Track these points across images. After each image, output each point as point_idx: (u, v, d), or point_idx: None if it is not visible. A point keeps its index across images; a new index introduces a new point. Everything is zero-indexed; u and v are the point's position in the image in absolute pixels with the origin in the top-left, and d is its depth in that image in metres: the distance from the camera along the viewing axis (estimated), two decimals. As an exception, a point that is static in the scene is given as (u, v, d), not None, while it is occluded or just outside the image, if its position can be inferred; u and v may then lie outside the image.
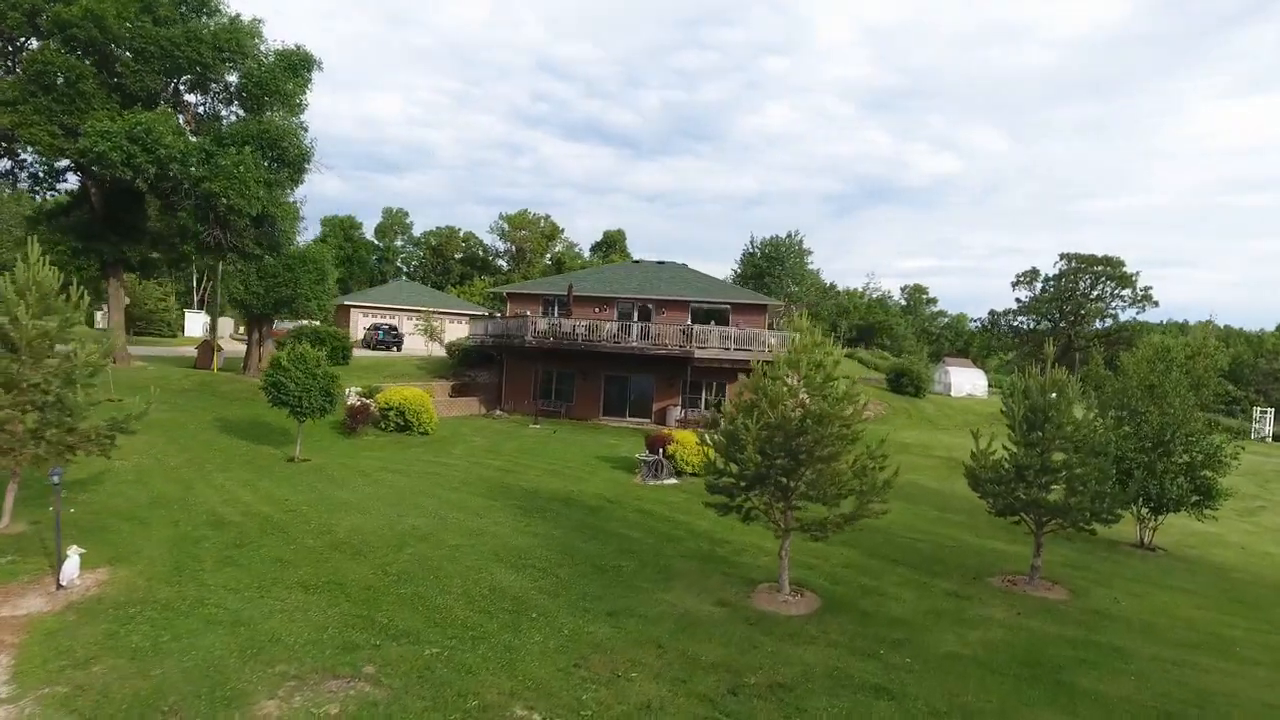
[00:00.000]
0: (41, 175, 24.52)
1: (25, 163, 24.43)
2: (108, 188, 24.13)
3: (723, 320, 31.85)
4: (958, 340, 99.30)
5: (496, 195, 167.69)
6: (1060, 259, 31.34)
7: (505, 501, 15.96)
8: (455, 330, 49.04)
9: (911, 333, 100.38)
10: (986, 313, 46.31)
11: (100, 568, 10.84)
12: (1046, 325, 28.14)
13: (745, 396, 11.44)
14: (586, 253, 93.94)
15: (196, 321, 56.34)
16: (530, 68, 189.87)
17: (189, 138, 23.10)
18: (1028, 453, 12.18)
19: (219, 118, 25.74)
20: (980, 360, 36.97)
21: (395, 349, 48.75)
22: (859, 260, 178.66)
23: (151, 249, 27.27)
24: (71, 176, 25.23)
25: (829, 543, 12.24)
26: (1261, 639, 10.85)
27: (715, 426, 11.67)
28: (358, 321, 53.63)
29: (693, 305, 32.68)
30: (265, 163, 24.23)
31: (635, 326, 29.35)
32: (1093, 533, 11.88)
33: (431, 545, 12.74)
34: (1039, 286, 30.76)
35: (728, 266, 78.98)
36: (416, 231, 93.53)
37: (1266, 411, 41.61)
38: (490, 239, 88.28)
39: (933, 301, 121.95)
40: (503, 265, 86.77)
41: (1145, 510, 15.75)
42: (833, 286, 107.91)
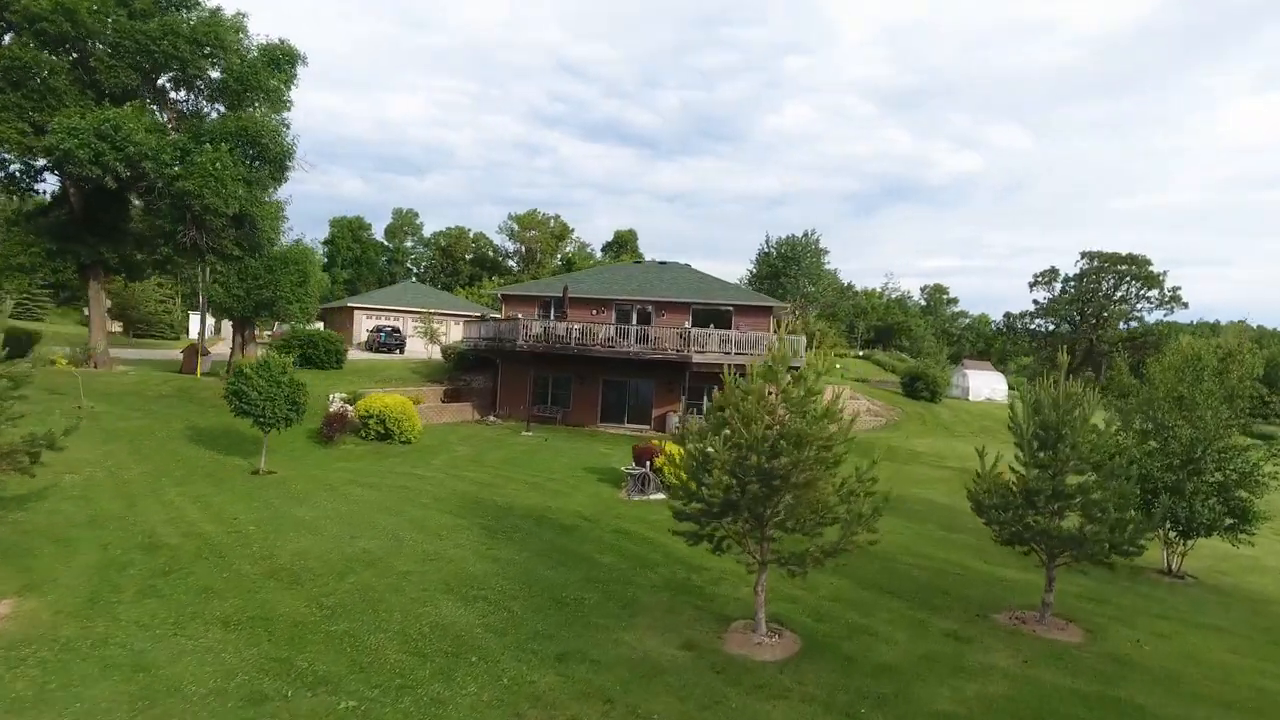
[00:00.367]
0: (18, 175, 23.85)
1: (3, 161, 23.75)
2: (86, 187, 23.39)
3: (725, 323, 30.58)
4: (978, 342, 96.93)
5: (515, 196, 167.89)
6: (1081, 258, 29.59)
7: (473, 520, 14.87)
8: (457, 332, 48.18)
9: (931, 334, 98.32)
10: (1002, 315, 44.55)
11: (6, 598, 9.89)
12: (1066, 329, 26.39)
13: (722, 412, 10.25)
14: (599, 253, 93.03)
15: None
16: (549, 68, 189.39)
17: (165, 135, 22.31)
18: (1039, 475, 10.85)
19: (201, 115, 24.94)
20: (1001, 363, 35.29)
21: (398, 351, 48.00)
22: (879, 260, 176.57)
23: (136, 250, 26.57)
24: (52, 177, 24.56)
25: (819, 570, 11.01)
26: (1308, 693, 9.45)
27: (683, 443, 10.48)
28: (361, 323, 52.95)
29: (694, 307, 31.44)
30: (246, 160, 23.40)
31: (632, 330, 28.19)
32: (1111, 567, 10.53)
33: (378, 572, 11.66)
34: (1058, 287, 29.00)
35: (745, 267, 77.45)
36: (429, 232, 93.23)
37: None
38: (500, 239, 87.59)
39: (953, 301, 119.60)
40: (513, 266, 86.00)
41: (1173, 534, 14.32)
42: (850, 286, 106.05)
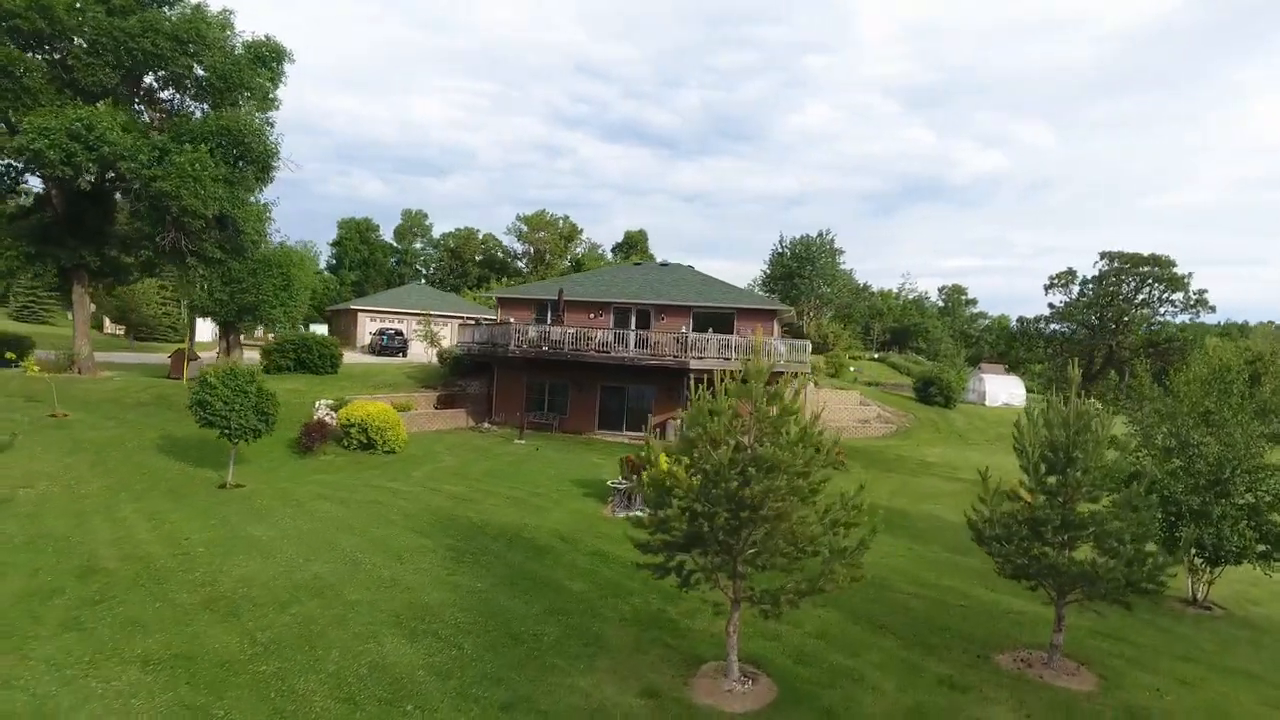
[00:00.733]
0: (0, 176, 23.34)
1: (-15, 163, 23.22)
2: (68, 188, 22.83)
3: (727, 326, 29.53)
4: (998, 344, 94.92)
5: (534, 197, 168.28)
6: (1100, 258, 28.03)
7: (440, 540, 13.97)
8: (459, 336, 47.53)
9: (949, 335, 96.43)
10: (1016, 319, 42.47)
11: (-89, 633, 9.13)
12: (1084, 334, 24.91)
13: (699, 431, 9.26)
14: (609, 254, 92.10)
15: (207, 327, 55.69)
16: (568, 69, 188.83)
17: (144, 134, 21.65)
18: (1047, 502, 9.76)
19: (185, 114, 24.30)
20: (1014, 370, 33.81)
21: (400, 355, 47.47)
22: (898, 260, 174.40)
23: (123, 253, 26.03)
24: (35, 178, 24.02)
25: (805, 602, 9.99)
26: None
27: (646, 465, 9.50)
28: (364, 326, 52.43)
29: (694, 310, 30.40)
30: (230, 160, 22.73)
31: (628, 334, 27.25)
32: (1128, 607, 9.42)
33: (325, 602, 10.79)
34: (1076, 290, 27.47)
35: (760, 268, 76.16)
36: (439, 233, 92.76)
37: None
38: (509, 240, 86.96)
39: (972, 302, 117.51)
40: (522, 268, 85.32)
41: (1199, 560, 13.13)
42: (866, 287, 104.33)
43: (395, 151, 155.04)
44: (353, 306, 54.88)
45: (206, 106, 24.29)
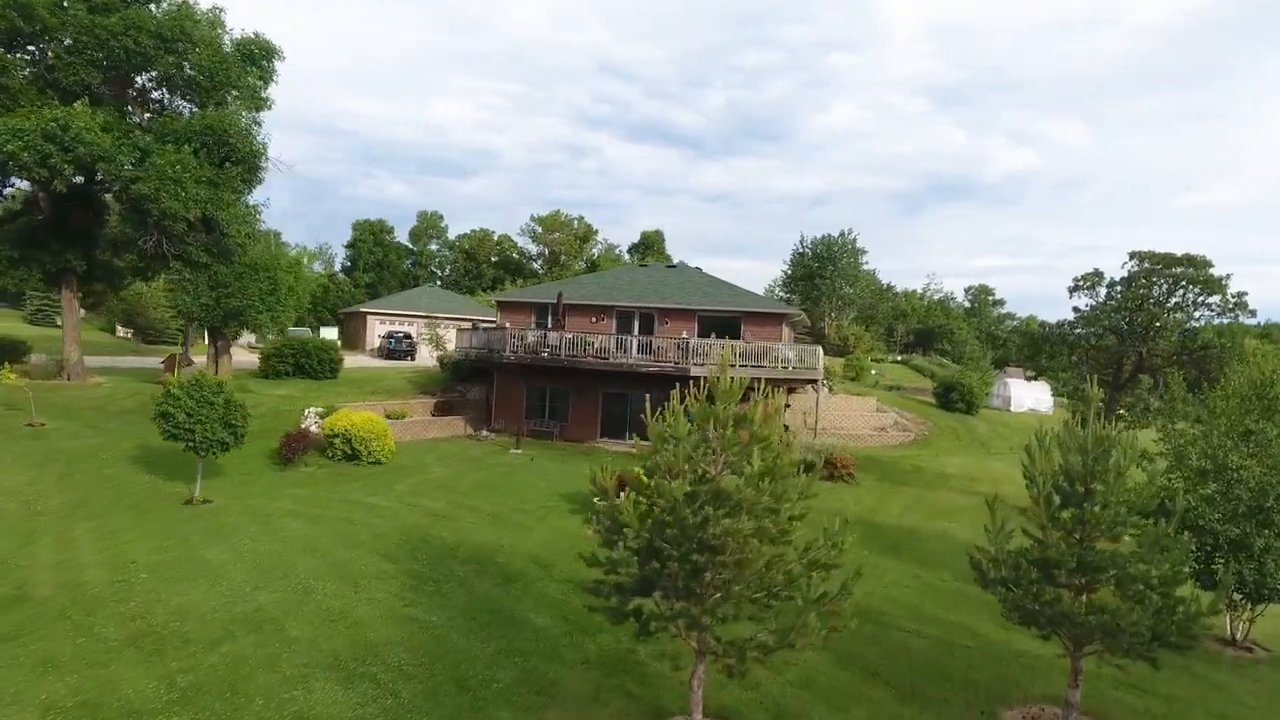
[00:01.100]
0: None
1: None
2: (52, 190, 22.32)
3: (733, 330, 28.35)
4: (1025, 347, 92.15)
5: (558, 198, 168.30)
6: (1130, 259, 26.23)
7: (405, 565, 13.05)
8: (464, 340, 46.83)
9: (974, 337, 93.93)
10: (1040, 324, 40.44)
11: None
12: (1112, 340, 23.29)
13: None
14: (626, 255, 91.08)
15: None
16: (592, 70, 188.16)
17: (126, 135, 21.06)
18: (1063, 540, 8.55)
19: (173, 114, 23.74)
20: (1035, 378, 31.97)
21: (409, 358, 46.87)
22: (926, 260, 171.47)
23: (113, 256, 25.58)
24: (23, 182, 23.59)
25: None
26: None
27: (604, 495, 8.44)
28: (374, 329, 51.98)
29: (699, 314, 29.26)
30: (215, 161, 22.09)
31: (629, 340, 26.22)
32: (1154, 663, 8.17)
33: (261, 638, 9.89)
34: (1103, 292, 25.76)
35: (781, 268, 74.72)
36: (455, 234, 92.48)
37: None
38: (524, 241, 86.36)
39: (999, 303, 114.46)
40: (537, 269, 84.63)
41: (1238, 596, 11.78)
42: (890, 288, 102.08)
43: (419, 153, 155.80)
44: (362, 309, 54.50)
45: (194, 105, 23.73)
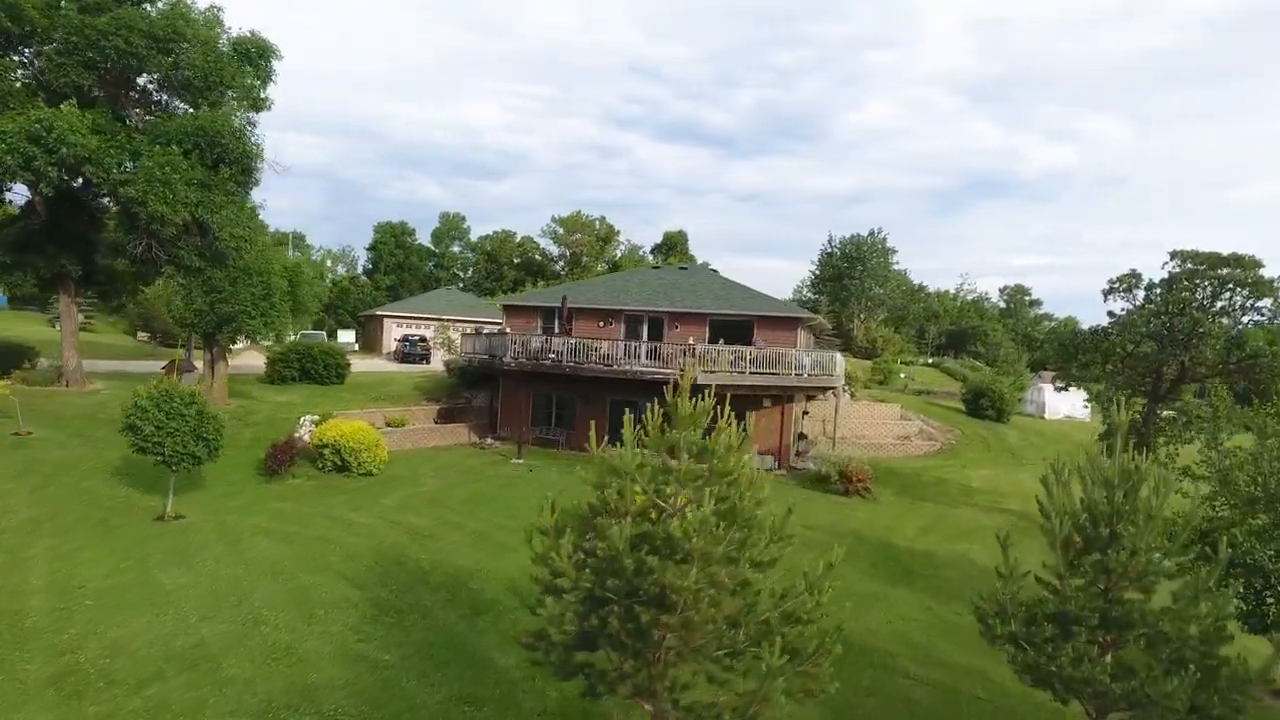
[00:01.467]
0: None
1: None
2: (46, 194, 22.04)
3: (745, 335, 27.17)
4: (1057, 355, 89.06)
5: (590, 198, 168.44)
6: (1171, 258, 24.35)
7: (371, 592, 12.20)
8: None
9: (1009, 339, 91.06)
10: (1073, 331, 38.22)
11: None
12: (1150, 348, 21.56)
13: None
14: (649, 255, 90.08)
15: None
16: (623, 70, 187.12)
17: (115, 137, 20.63)
18: (1083, 590, 7.34)
19: (168, 114, 23.31)
20: (1065, 389, 30.23)
21: (424, 362, 46.48)
22: (962, 259, 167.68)
23: (112, 261, 25.30)
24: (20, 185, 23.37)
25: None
26: None
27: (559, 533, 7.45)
28: (391, 332, 51.72)
29: (711, 318, 28.12)
30: (208, 163, 21.60)
31: (635, 345, 25.21)
32: (1195, 741, 6.94)
33: (194, 678, 9.08)
34: (1140, 295, 23.98)
35: (809, 269, 73.01)
36: (477, 236, 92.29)
37: None
38: (545, 243, 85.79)
39: (1036, 303, 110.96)
40: (559, 270, 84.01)
41: (1291, 641, 10.38)
42: (921, 288, 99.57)
43: (451, 155, 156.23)
44: (379, 312, 54.29)
45: (189, 106, 23.30)
